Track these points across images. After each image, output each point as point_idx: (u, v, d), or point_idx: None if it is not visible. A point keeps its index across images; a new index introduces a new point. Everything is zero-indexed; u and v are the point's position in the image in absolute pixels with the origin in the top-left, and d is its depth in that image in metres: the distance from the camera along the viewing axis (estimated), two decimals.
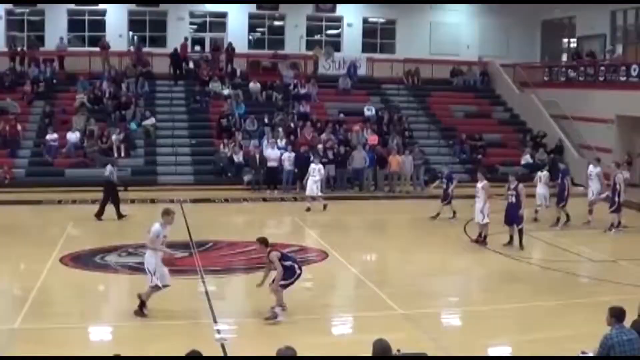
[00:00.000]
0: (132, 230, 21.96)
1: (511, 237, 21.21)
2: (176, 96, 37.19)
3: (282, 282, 14.01)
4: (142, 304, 14.02)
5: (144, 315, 13.93)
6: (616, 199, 24.17)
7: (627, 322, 10.39)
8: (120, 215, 24.18)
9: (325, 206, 26.56)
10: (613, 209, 24.35)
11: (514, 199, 20.96)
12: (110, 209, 24.17)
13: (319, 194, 26.93)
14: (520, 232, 21.00)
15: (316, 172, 26.67)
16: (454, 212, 25.09)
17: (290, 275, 14.09)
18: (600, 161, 26.89)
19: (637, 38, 38.67)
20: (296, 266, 14.27)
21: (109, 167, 24.71)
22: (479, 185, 21.77)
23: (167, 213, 14.28)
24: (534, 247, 20.98)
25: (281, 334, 12.82)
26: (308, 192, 26.78)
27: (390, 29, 43.80)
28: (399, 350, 9.84)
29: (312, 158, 28.11)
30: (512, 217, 21.04)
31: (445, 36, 43.38)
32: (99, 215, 24.03)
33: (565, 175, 25.20)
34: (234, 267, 18.89)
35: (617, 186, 24.19)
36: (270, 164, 30.69)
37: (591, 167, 26.00)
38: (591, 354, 10.68)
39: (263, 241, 14.44)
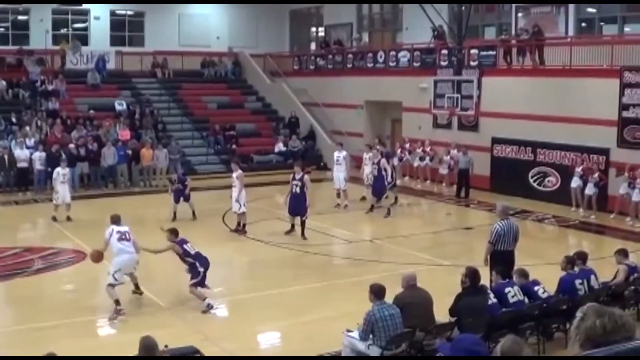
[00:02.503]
0: None
1: (292, 226, 21.48)
2: None
3: (193, 282, 14.62)
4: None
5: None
6: (386, 183, 25.09)
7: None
8: None
9: (68, 218, 24.38)
10: (386, 196, 25.28)
11: (298, 190, 21.11)
12: None
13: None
14: (304, 223, 21.27)
15: (66, 177, 24.48)
16: (193, 212, 24.17)
17: (195, 274, 14.59)
18: (381, 142, 28.10)
19: (382, 26, 40.31)
20: (197, 263, 14.62)
21: None
22: (234, 175, 22.02)
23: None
24: (294, 232, 21.44)
25: (46, 340, 12.44)
26: (68, 199, 24.30)
27: (139, 21, 43.15)
28: (166, 346, 9.86)
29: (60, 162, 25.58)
30: (297, 208, 21.22)
31: (195, 27, 43.27)
32: None
33: (389, 158, 26.21)
34: None
35: (383, 171, 25.05)
36: (20, 164, 29.35)
37: (336, 152, 26.92)
38: (356, 332, 11.16)
39: (173, 231, 15.16)
